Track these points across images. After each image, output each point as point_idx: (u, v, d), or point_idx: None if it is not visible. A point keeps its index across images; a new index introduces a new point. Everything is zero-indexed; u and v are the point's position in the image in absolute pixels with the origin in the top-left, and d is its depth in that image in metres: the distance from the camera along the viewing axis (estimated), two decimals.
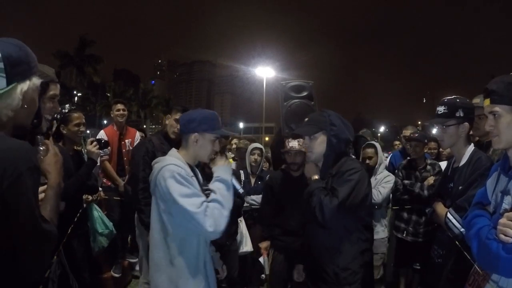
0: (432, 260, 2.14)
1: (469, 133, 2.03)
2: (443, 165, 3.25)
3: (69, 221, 2.51)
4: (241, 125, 59.37)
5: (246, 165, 3.75)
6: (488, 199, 1.47)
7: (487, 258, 1.27)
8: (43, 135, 1.36)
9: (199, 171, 1.97)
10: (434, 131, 3.72)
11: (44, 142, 1.30)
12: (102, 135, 4.03)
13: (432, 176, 3.32)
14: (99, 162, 3.36)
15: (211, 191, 1.71)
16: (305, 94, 3.13)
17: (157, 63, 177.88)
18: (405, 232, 3.40)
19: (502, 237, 1.18)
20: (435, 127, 2.24)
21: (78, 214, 2.68)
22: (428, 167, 3.44)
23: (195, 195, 1.62)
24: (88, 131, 5.54)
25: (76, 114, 2.73)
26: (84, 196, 2.96)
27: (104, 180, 4.05)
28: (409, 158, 3.67)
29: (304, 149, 2.04)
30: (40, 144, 1.29)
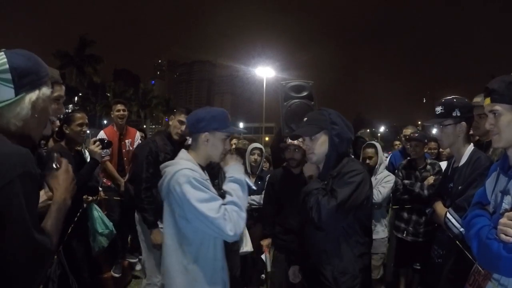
0: (432, 260, 2.14)
1: (468, 133, 2.04)
2: (443, 165, 3.25)
3: (69, 221, 2.51)
4: (241, 125, 59.07)
5: (246, 165, 3.75)
6: (487, 199, 1.47)
7: (487, 258, 1.27)
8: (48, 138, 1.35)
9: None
10: (434, 131, 3.72)
11: (59, 159, 1.28)
12: (102, 135, 4.04)
13: (432, 176, 3.33)
14: None
15: (226, 192, 1.67)
16: (305, 94, 3.13)
17: (157, 63, 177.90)
18: (405, 232, 3.40)
19: (503, 236, 1.19)
20: (435, 127, 2.24)
21: (78, 214, 2.68)
22: (428, 166, 3.45)
23: (213, 199, 1.59)
24: (88, 131, 5.53)
25: (79, 114, 2.74)
26: (84, 196, 2.96)
27: (104, 180, 4.05)
28: (409, 158, 3.67)
29: (304, 146, 1.97)
30: (55, 160, 1.28)
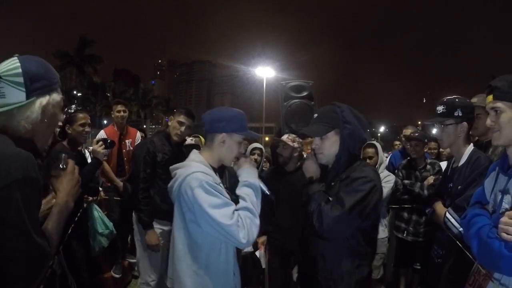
0: (432, 260, 2.14)
1: (469, 133, 2.04)
2: (443, 165, 3.26)
3: (69, 221, 2.51)
4: None
5: None
6: (486, 198, 1.48)
7: (488, 257, 1.28)
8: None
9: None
10: (434, 131, 3.72)
11: (66, 161, 1.28)
12: (102, 134, 4.03)
13: (432, 176, 3.33)
14: None
15: (239, 196, 1.62)
16: (305, 94, 3.14)
17: (157, 63, 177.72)
18: (405, 232, 3.41)
19: (504, 235, 1.19)
20: (435, 127, 2.24)
21: (78, 214, 2.68)
22: (428, 166, 3.45)
23: (226, 204, 1.54)
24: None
25: (81, 114, 2.73)
26: (84, 196, 2.96)
27: (104, 180, 4.05)
28: (409, 158, 3.67)
29: (313, 145, 1.80)
30: (62, 161, 1.27)
